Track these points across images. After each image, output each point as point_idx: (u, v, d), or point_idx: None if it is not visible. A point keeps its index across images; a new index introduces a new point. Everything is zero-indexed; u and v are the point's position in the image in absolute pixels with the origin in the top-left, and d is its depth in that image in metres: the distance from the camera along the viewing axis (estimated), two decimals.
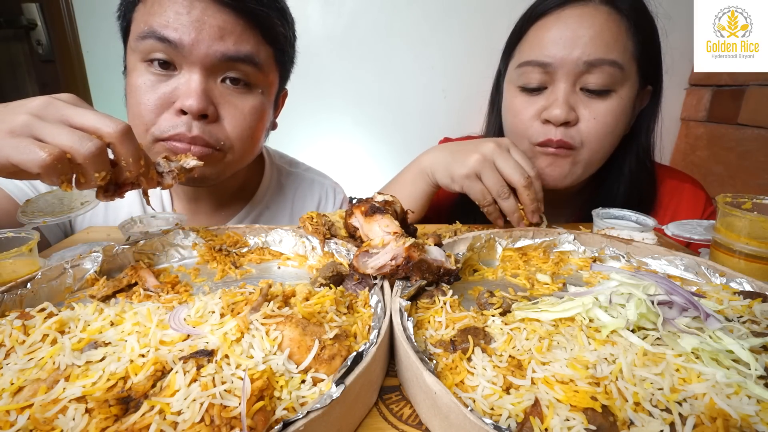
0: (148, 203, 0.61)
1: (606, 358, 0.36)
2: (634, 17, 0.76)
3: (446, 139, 1.19)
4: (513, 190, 0.71)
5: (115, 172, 0.51)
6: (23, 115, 0.46)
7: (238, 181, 0.94)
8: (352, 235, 0.63)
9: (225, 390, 0.30)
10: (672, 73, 1.74)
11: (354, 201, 0.64)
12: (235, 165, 0.79)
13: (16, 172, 0.46)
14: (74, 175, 0.46)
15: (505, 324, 0.42)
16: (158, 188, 0.58)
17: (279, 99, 0.88)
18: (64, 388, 0.31)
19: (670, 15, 0.91)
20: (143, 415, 0.29)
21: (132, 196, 0.90)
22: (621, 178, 0.89)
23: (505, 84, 0.86)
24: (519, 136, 0.83)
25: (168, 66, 0.69)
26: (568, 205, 0.99)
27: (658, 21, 0.84)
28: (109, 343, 0.37)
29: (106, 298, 0.52)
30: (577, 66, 0.73)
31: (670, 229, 0.71)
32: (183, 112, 0.68)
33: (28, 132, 0.45)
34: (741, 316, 0.44)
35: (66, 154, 0.44)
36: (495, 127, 0.94)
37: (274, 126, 0.91)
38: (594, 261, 0.64)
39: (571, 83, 0.75)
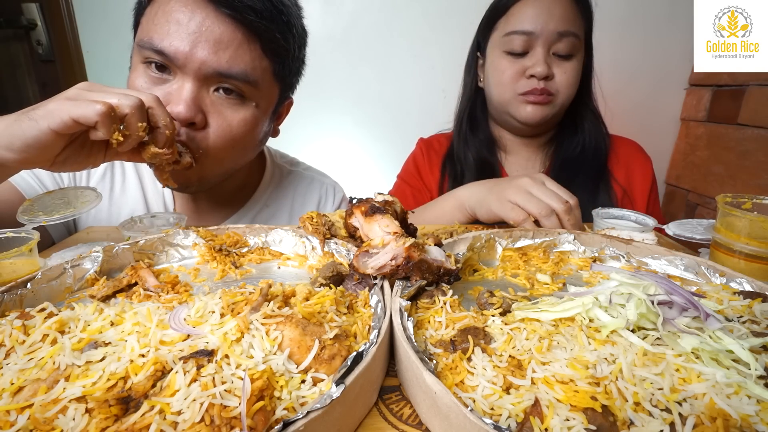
0: (165, 183, 0.69)
1: (606, 358, 0.36)
2: (583, 3, 1.00)
3: (421, 140, 1.29)
4: None
5: (154, 137, 0.61)
6: (74, 89, 0.57)
7: (239, 180, 0.94)
8: (352, 235, 0.63)
9: (225, 390, 0.30)
10: (672, 73, 1.75)
11: (354, 201, 0.64)
12: (216, 171, 0.79)
13: (74, 127, 0.55)
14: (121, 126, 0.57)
15: (505, 324, 0.42)
16: (173, 168, 0.68)
17: (282, 108, 0.88)
18: (64, 388, 0.31)
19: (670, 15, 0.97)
20: (143, 415, 0.29)
21: (134, 195, 0.90)
22: (575, 125, 1.12)
23: (489, 50, 1.06)
24: (504, 88, 1.02)
25: (164, 69, 0.70)
26: (538, 157, 1.16)
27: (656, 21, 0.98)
28: (109, 343, 0.36)
29: (106, 298, 0.52)
30: (552, 35, 0.95)
31: (671, 228, 0.71)
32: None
33: (82, 97, 0.56)
34: (741, 316, 0.44)
35: (115, 108, 0.55)
36: (470, 87, 1.14)
37: (275, 133, 0.91)
38: (594, 261, 0.64)
39: (546, 49, 0.97)
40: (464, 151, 1.12)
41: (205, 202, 0.93)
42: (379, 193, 0.61)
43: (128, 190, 0.91)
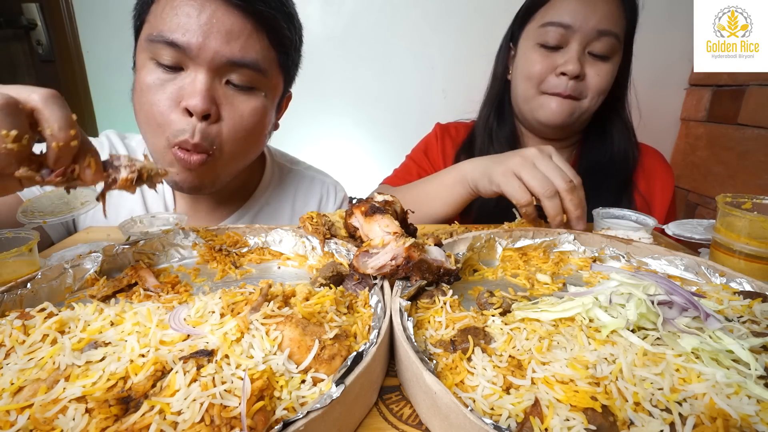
0: (103, 205, 0.52)
1: (606, 358, 0.36)
2: (629, 3, 0.94)
3: (438, 124, 1.25)
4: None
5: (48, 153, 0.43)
6: None
7: (240, 179, 0.94)
8: (352, 235, 0.63)
9: (225, 390, 0.30)
10: (672, 73, 1.74)
11: (354, 201, 0.64)
12: (229, 168, 0.80)
13: None
14: None
15: (505, 324, 0.42)
16: (111, 187, 0.50)
17: (282, 102, 0.89)
18: (64, 388, 0.31)
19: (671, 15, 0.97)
20: (143, 415, 0.29)
21: (134, 196, 0.90)
22: (604, 133, 1.06)
23: (522, 41, 1.00)
24: (530, 83, 0.97)
25: (175, 68, 0.70)
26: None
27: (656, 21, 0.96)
28: (109, 343, 0.36)
29: (106, 298, 0.52)
30: (591, 32, 0.89)
31: (671, 228, 0.71)
32: (188, 112, 0.70)
33: None
34: (741, 316, 0.44)
35: None
36: (500, 79, 1.09)
37: (275, 127, 0.92)
38: (594, 261, 0.64)
39: (582, 47, 0.91)
40: (488, 146, 1.08)
41: (205, 202, 0.93)
42: (380, 193, 0.61)
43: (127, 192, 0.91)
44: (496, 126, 1.09)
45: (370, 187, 1.71)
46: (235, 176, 0.86)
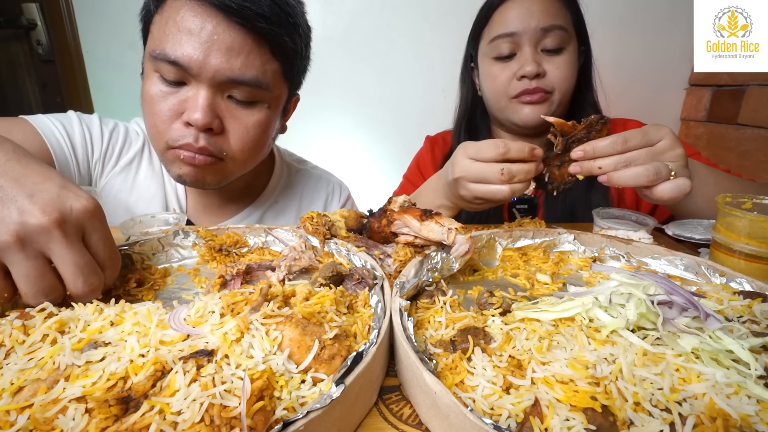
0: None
1: (606, 358, 0.36)
2: None
3: (427, 137, 1.26)
4: None
5: None
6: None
7: (250, 177, 0.95)
8: (387, 240, 0.63)
9: (225, 390, 0.30)
10: (672, 73, 1.74)
11: (372, 212, 0.66)
12: (236, 172, 0.82)
13: None
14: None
15: (505, 324, 0.42)
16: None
17: (289, 105, 0.90)
18: (64, 388, 0.31)
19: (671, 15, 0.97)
20: (143, 415, 0.29)
21: (137, 192, 0.91)
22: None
23: (480, 60, 1.06)
24: (498, 95, 1.02)
25: (178, 81, 0.71)
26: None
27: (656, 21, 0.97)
28: (109, 343, 0.36)
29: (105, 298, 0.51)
30: (536, 32, 0.94)
31: (671, 228, 0.71)
32: (190, 124, 0.71)
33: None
34: (741, 316, 0.44)
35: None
36: (467, 98, 1.15)
37: (283, 130, 0.93)
38: (594, 261, 0.64)
39: (534, 46, 0.96)
40: None
41: (216, 199, 0.95)
42: (396, 198, 0.64)
43: (149, 181, 0.91)
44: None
45: (370, 186, 1.71)
46: (243, 176, 0.87)
